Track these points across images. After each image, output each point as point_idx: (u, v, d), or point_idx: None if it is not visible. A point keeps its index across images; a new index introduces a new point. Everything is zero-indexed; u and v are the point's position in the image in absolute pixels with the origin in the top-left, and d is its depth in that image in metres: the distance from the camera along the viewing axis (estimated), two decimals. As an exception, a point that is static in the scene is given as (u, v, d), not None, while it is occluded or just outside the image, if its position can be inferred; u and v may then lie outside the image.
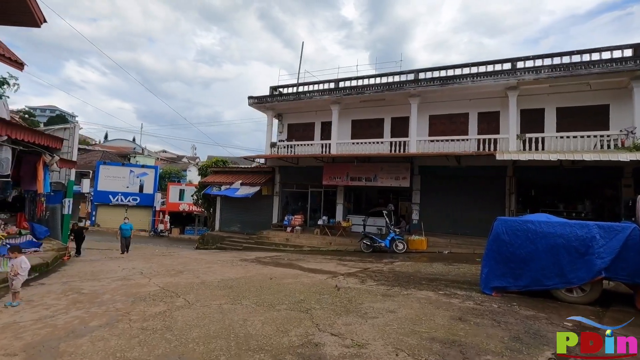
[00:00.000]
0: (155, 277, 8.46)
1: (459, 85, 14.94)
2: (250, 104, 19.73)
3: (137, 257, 13.05)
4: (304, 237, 17.10)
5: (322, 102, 18.17)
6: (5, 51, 12.56)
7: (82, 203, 36.78)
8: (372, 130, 18.15)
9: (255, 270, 9.65)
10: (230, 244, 18.69)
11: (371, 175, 16.58)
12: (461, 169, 15.62)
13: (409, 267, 10.12)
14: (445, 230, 15.89)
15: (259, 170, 20.82)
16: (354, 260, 11.97)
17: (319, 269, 9.85)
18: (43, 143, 10.69)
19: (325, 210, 19.25)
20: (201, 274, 9.00)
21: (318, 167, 17.94)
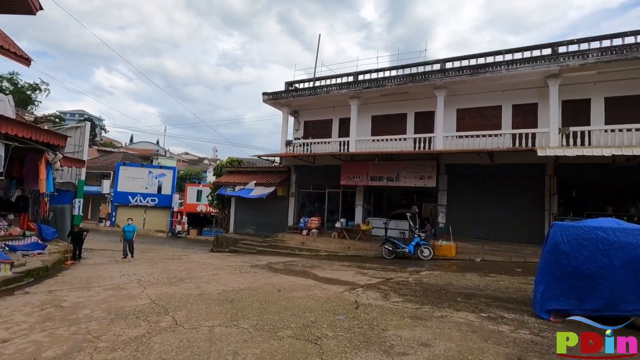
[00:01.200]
0: (152, 286, 7.59)
1: (492, 75, 13.48)
2: (265, 101, 18.85)
3: (144, 262, 12.34)
4: (321, 241, 16.02)
5: (340, 97, 17.06)
6: (11, 46, 12.15)
7: (102, 204, 37.14)
8: (393, 126, 16.88)
9: (264, 279, 8.64)
10: (243, 247, 17.85)
11: (393, 174, 15.31)
12: (494, 167, 14.12)
13: (438, 277, 8.85)
14: (475, 235, 14.43)
15: (274, 170, 19.91)
16: (375, 268, 10.78)
17: (335, 279, 8.74)
18: (44, 140, 10.10)
19: (343, 212, 18.11)
20: (204, 282, 8.07)
21: (336, 166, 16.83)
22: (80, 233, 12.09)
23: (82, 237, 12.12)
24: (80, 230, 12.07)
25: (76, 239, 11.82)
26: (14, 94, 46.52)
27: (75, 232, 11.81)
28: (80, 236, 11.97)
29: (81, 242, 12.21)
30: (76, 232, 11.83)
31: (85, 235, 12.44)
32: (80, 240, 12.13)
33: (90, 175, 40.53)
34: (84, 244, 12.60)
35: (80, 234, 12.09)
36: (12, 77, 46.57)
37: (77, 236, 11.86)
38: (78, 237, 11.90)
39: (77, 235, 11.84)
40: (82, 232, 12.28)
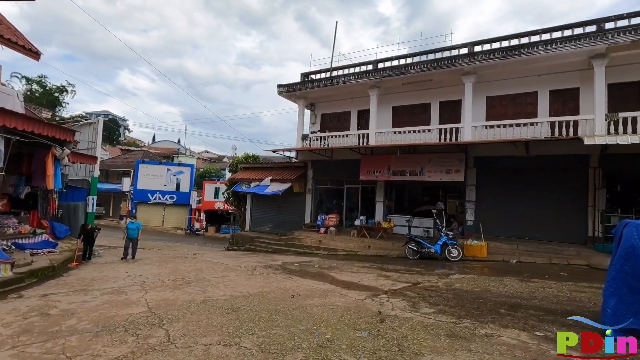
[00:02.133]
0: (154, 289, 6.96)
1: (527, 57, 12.20)
2: (279, 93, 18.11)
3: (155, 261, 11.85)
4: (339, 240, 15.16)
5: (358, 87, 16.09)
6: (19, 39, 11.85)
7: (123, 201, 37.56)
8: (416, 117, 15.77)
9: (277, 282, 7.87)
10: (259, 245, 17.22)
11: (416, 168, 14.24)
12: (529, 159, 12.84)
13: (472, 282, 7.83)
14: (508, 234, 13.21)
15: (290, 166, 19.16)
16: (399, 270, 9.83)
17: (355, 283, 7.87)
18: (49, 134, 9.68)
19: (363, 209, 17.17)
20: (211, 286, 7.39)
21: (354, 160, 15.90)
22: (92, 231, 11.59)
23: (93, 235, 11.61)
24: (91, 229, 11.57)
25: (87, 238, 11.31)
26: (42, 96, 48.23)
27: (86, 230, 11.30)
28: (91, 235, 11.47)
29: (92, 240, 11.70)
30: (87, 231, 11.31)
31: (97, 233, 11.93)
32: (91, 239, 11.63)
33: (112, 174, 41.16)
34: (95, 242, 12.09)
35: (92, 232, 11.59)
36: (41, 80, 48.24)
37: (89, 235, 11.35)
38: (89, 235, 11.39)
39: (88, 234, 11.33)
40: (94, 230, 11.79)
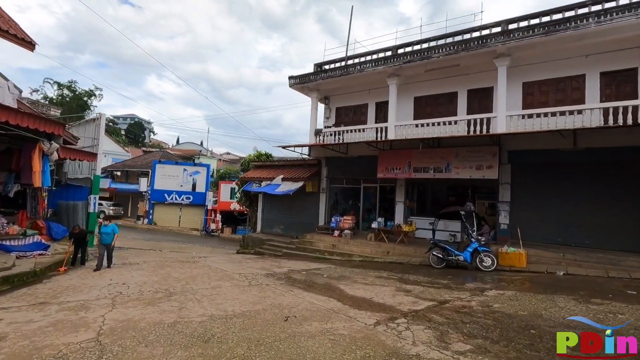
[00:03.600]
0: (124, 305, 5.82)
1: (574, 33, 10.40)
2: (291, 85, 16.88)
3: (151, 266, 10.85)
4: (355, 244, 13.73)
5: (376, 77, 14.63)
6: (11, 28, 11.15)
7: (140, 202, 37.51)
8: (441, 108, 14.13)
9: (273, 297, 6.57)
10: (269, 249, 16.03)
11: (442, 164, 12.61)
12: (577, 152, 11.00)
13: (516, 302, 6.24)
14: (549, 240, 11.40)
15: (302, 164, 17.89)
16: (422, 282, 8.32)
17: (368, 300, 6.47)
18: (30, 126, 8.81)
19: (381, 210, 15.67)
20: (194, 301, 6.18)
21: (372, 156, 14.43)
22: (83, 234, 10.55)
23: (85, 239, 10.61)
24: (82, 232, 10.47)
25: (79, 242, 10.26)
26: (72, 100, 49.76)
27: (75, 233, 10.11)
28: (83, 238, 10.44)
29: (85, 244, 10.72)
30: (77, 234, 10.14)
31: (89, 236, 11.00)
32: (83, 243, 10.63)
33: (132, 174, 41.29)
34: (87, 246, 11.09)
35: (83, 235, 10.55)
36: (71, 85, 50.17)
37: (80, 238, 10.26)
38: (80, 239, 10.34)
39: (79, 237, 10.23)
40: (86, 234, 10.78)
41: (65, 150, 10.63)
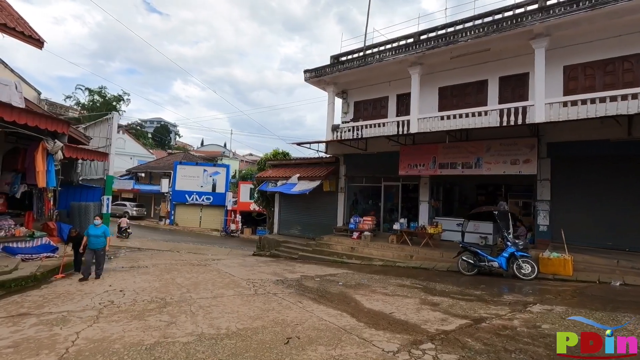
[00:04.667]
0: (109, 318, 5.16)
1: (628, 4, 8.99)
2: (307, 79, 16.07)
3: (158, 269, 10.31)
4: (375, 247, 12.73)
5: (396, 67, 13.57)
6: (19, 25, 10.92)
7: (162, 202, 37.85)
8: (469, 98, 12.91)
9: (277, 310, 5.74)
10: (285, 251, 15.28)
11: (471, 159, 11.40)
12: (631, 143, 9.56)
13: (571, 323, 5.10)
14: (598, 244, 10.00)
15: (319, 162, 17.04)
16: (451, 292, 7.26)
17: (388, 315, 5.52)
18: (30, 123, 8.42)
19: (404, 210, 14.58)
20: (187, 314, 5.45)
21: (393, 153, 13.37)
22: (81, 239, 9.50)
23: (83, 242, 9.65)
24: (79, 235, 9.56)
25: (78, 245, 9.35)
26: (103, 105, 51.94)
27: (73, 236, 9.39)
28: (81, 241, 9.39)
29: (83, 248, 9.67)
30: (75, 237, 9.39)
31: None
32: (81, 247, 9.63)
33: (155, 175, 41.84)
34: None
35: (82, 239, 9.59)
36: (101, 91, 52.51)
37: (79, 242, 9.36)
38: (80, 243, 9.37)
39: (78, 241, 9.36)
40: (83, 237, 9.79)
41: (71, 149, 10.27)
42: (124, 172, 43.12)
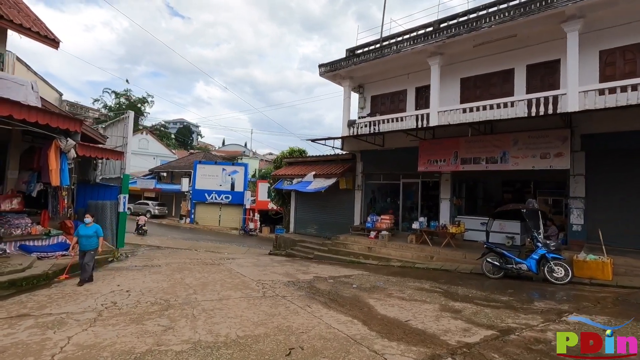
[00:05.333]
0: (108, 321, 4.93)
1: (675, -22, 8.05)
2: (322, 74, 15.62)
3: (171, 269, 10.18)
4: (393, 247, 12.17)
5: (415, 58, 12.91)
6: (35, 26, 11.03)
7: (182, 201, 38.40)
8: (493, 88, 12.11)
9: (283, 316, 5.35)
10: (301, 251, 14.93)
11: (496, 153, 10.63)
12: (679, 133, 8.61)
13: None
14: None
15: (335, 159, 16.58)
16: (475, 297, 6.66)
17: (403, 324, 5.02)
18: (41, 122, 8.40)
19: (424, 208, 13.92)
20: (188, 318, 5.15)
21: (412, 148, 12.74)
22: None
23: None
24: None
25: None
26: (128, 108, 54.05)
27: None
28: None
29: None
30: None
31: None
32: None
33: (177, 175, 42.55)
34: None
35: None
36: (126, 93, 54.83)
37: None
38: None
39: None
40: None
41: (84, 147, 10.25)
42: (146, 172, 44.08)
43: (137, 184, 41.26)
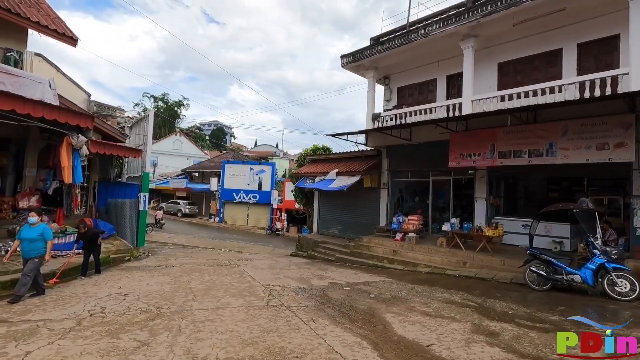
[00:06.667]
0: (80, 332, 4.40)
1: None
2: (344, 65, 14.71)
3: (183, 270, 9.68)
4: (421, 250, 11.05)
5: (446, 42, 11.69)
6: (53, 23, 11.02)
7: (212, 201, 38.87)
8: (537, 73, 10.66)
9: (280, 332, 4.57)
10: (322, 252, 14.13)
11: (542, 144, 9.21)
12: None
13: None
14: None
15: (359, 156, 15.60)
16: (516, 315, 5.52)
17: (423, 349, 4.07)
18: (47, 117, 8.20)
19: (456, 209, 12.64)
20: (172, 332, 4.50)
21: (442, 142, 11.53)
22: (93, 236, 8.25)
23: (96, 240, 8.34)
24: (89, 232, 8.12)
25: (88, 245, 8.17)
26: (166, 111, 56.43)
27: (82, 233, 8.01)
28: (93, 240, 8.23)
29: (97, 248, 8.44)
30: (84, 234, 8.06)
31: (101, 237, 8.67)
32: (94, 246, 8.31)
33: (207, 174, 43.29)
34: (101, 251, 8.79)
35: (94, 237, 8.25)
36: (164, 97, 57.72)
37: (89, 240, 8.14)
38: (90, 241, 8.17)
39: (88, 239, 8.12)
40: (96, 235, 8.33)
41: (97, 144, 10.07)
42: (179, 172, 45.15)
43: (169, 184, 42.37)
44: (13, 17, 9.76)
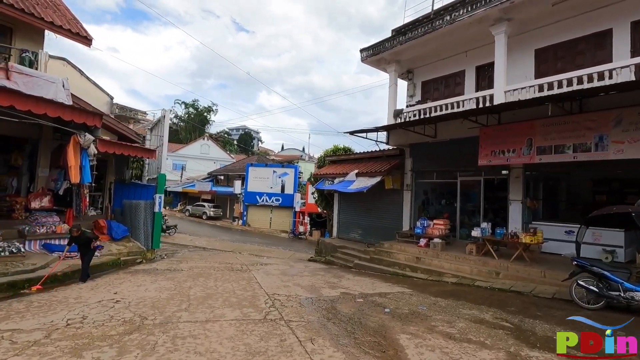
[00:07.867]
0: (46, 346, 3.89)
1: None
2: (364, 59, 13.86)
3: (187, 275, 9.17)
4: (447, 258, 9.97)
5: (475, 29, 10.61)
6: (67, 23, 10.99)
7: (235, 204, 38.98)
8: (581, 57, 9.38)
9: (266, 357, 3.83)
10: (341, 258, 13.32)
11: (590, 137, 7.94)
12: None
13: None
14: None
15: (380, 155, 14.67)
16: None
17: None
18: (50, 114, 7.98)
19: (487, 212, 11.44)
20: (144, 351, 3.88)
21: (471, 138, 10.43)
22: (87, 240, 7.62)
23: (89, 245, 7.69)
24: (82, 235, 7.55)
25: (82, 249, 7.61)
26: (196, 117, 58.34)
27: (74, 237, 7.47)
28: (86, 244, 7.62)
29: (89, 252, 7.73)
30: (76, 237, 7.49)
31: (95, 242, 7.95)
32: (87, 250, 7.65)
33: (232, 178, 43.61)
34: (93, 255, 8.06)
35: (87, 241, 7.63)
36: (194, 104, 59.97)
37: (82, 244, 7.57)
38: (83, 245, 7.59)
39: (81, 243, 7.56)
40: (89, 239, 7.69)
41: (106, 143, 9.85)
42: (205, 175, 45.81)
43: (195, 187, 42.99)
44: (27, 17, 9.77)
